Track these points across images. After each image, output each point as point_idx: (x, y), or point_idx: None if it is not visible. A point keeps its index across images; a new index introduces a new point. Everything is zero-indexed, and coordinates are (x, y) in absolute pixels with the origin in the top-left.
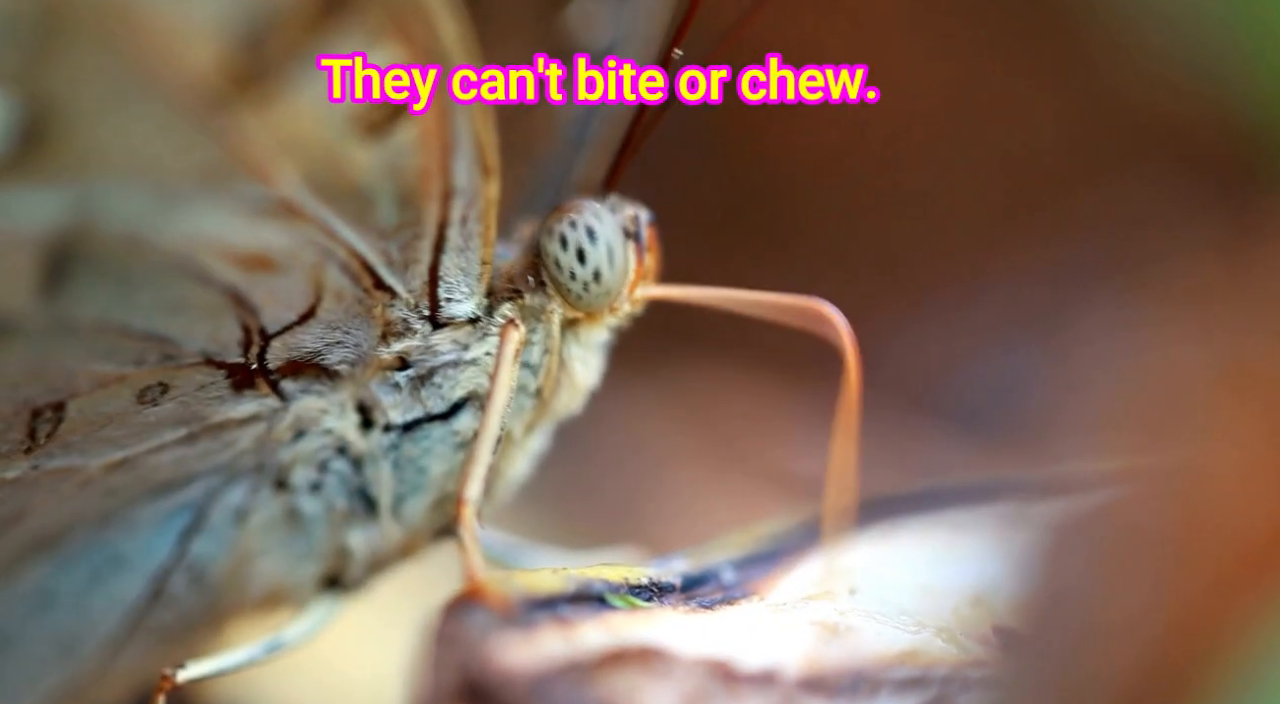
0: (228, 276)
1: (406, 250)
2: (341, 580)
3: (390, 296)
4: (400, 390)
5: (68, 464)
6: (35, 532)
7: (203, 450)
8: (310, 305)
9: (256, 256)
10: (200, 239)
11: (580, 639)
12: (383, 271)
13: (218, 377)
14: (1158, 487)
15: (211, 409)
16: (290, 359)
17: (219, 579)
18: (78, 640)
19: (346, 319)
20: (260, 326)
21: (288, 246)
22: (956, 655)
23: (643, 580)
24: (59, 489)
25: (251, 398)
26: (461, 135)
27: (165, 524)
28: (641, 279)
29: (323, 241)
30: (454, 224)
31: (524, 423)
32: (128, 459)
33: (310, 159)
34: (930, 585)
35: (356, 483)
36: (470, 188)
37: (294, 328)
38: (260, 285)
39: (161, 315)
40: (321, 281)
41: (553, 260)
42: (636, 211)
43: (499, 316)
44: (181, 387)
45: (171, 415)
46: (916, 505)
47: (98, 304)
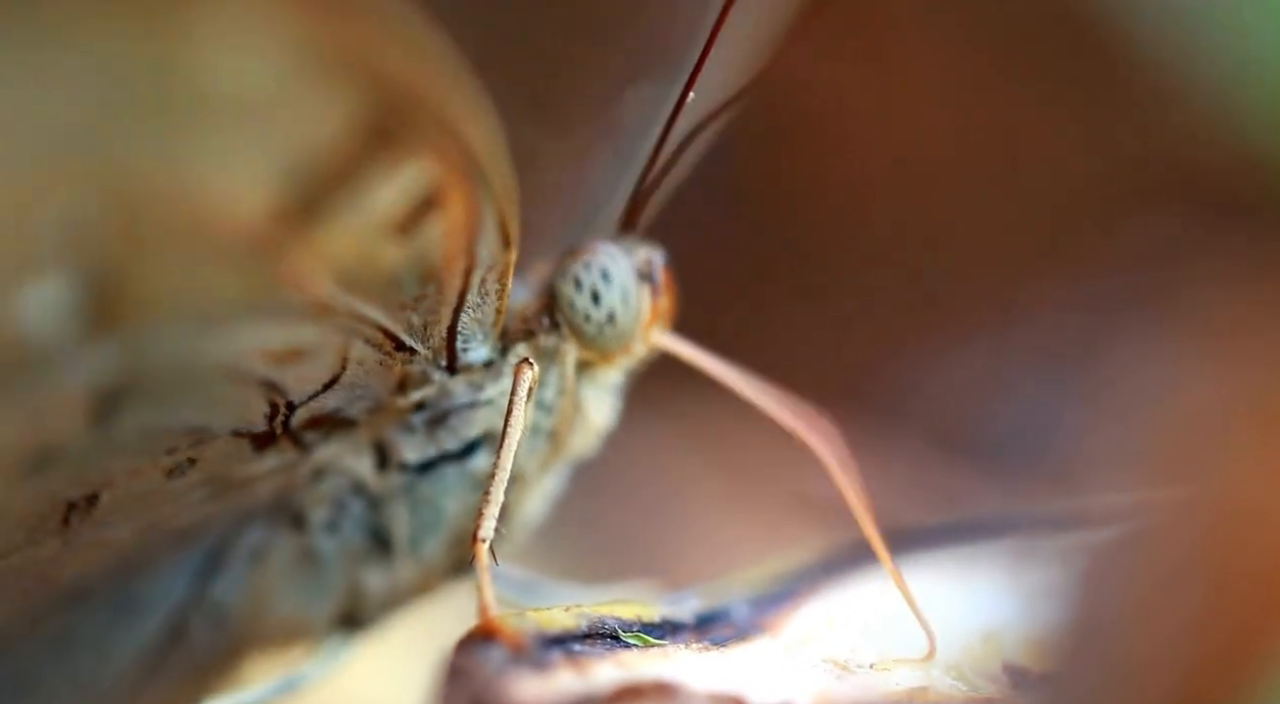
0: (261, 371)
1: (427, 316)
2: (357, 618)
3: (410, 355)
4: (416, 432)
5: (96, 537)
6: (61, 589)
7: (225, 503)
8: (334, 376)
9: (289, 352)
10: (240, 350)
11: (593, 676)
12: (404, 337)
13: (243, 444)
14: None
15: (235, 469)
16: (312, 417)
17: (236, 619)
18: (96, 683)
19: (367, 379)
20: (287, 401)
21: (318, 337)
22: (965, 693)
23: (655, 618)
24: (85, 556)
25: (274, 454)
26: (486, 220)
27: (183, 566)
28: (656, 321)
29: (352, 326)
30: (473, 289)
31: (538, 462)
32: (153, 522)
33: (345, 266)
34: (940, 621)
35: (372, 522)
36: (491, 258)
37: (318, 396)
38: (290, 372)
39: (197, 413)
40: (347, 356)
41: (567, 302)
42: (651, 254)
43: (513, 356)
44: (208, 458)
45: (197, 480)
46: (928, 540)
47: (140, 421)
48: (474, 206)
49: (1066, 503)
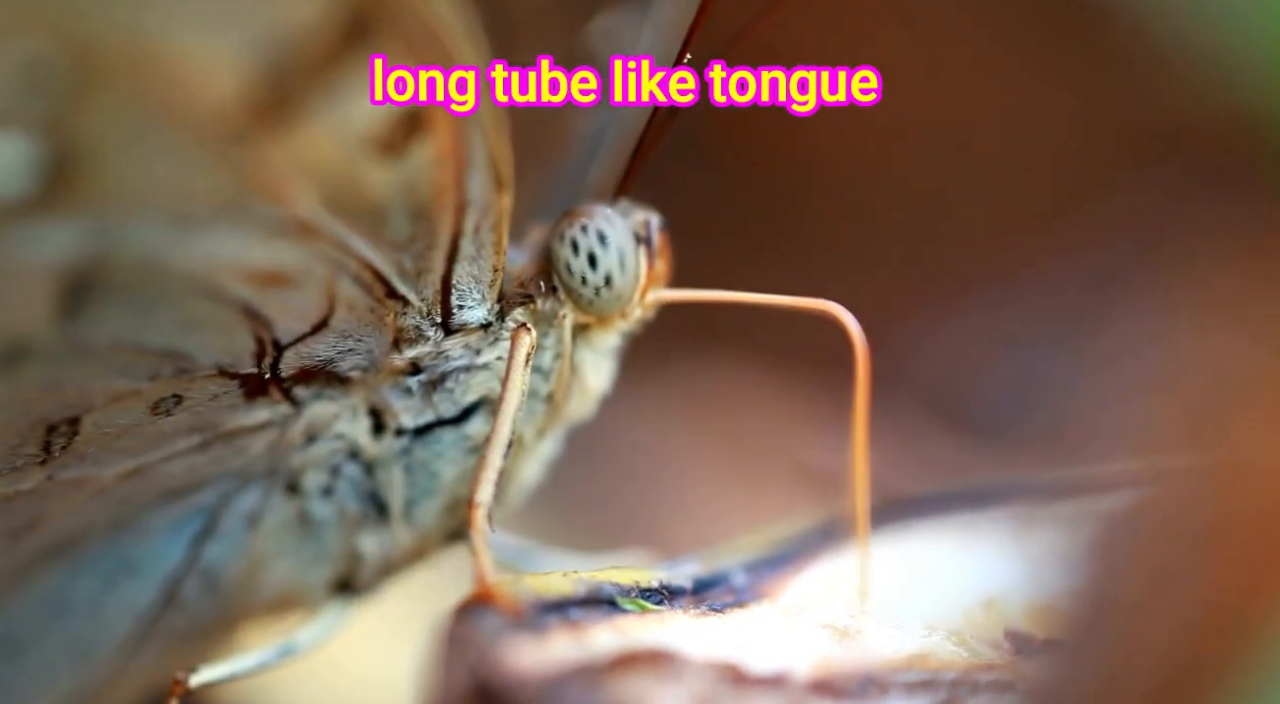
0: (242, 293)
1: (419, 261)
2: (353, 584)
3: (403, 305)
4: (412, 395)
5: (82, 474)
6: (49, 539)
7: (215, 457)
8: (323, 316)
9: (271, 274)
10: (216, 261)
11: (591, 642)
12: (396, 282)
13: (231, 386)
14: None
15: (224, 417)
16: (303, 367)
17: (231, 583)
18: (91, 645)
19: (359, 328)
20: (273, 338)
21: (302, 263)
22: (967, 659)
23: (653, 584)
24: (73, 498)
25: (264, 405)
26: (476, 151)
27: (178, 529)
28: (653, 284)
29: (337, 256)
30: (467, 235)
31: (535, 427)
32: (141, 467)
33: (327, 180)
34: (941, 588)
35: (368, 487)
36: (484, 200)
37: (307, 338)
38: (274, 300)
39: (176, 332)
40: (334, 294)
41: (564, 265)
42: (647, 216)
43: (510, 321)
44: (195, 397)
45: (184, 424)
46: (929, 508)
47: (114, 325)
48: (461, 134)
49: (1068, 471)
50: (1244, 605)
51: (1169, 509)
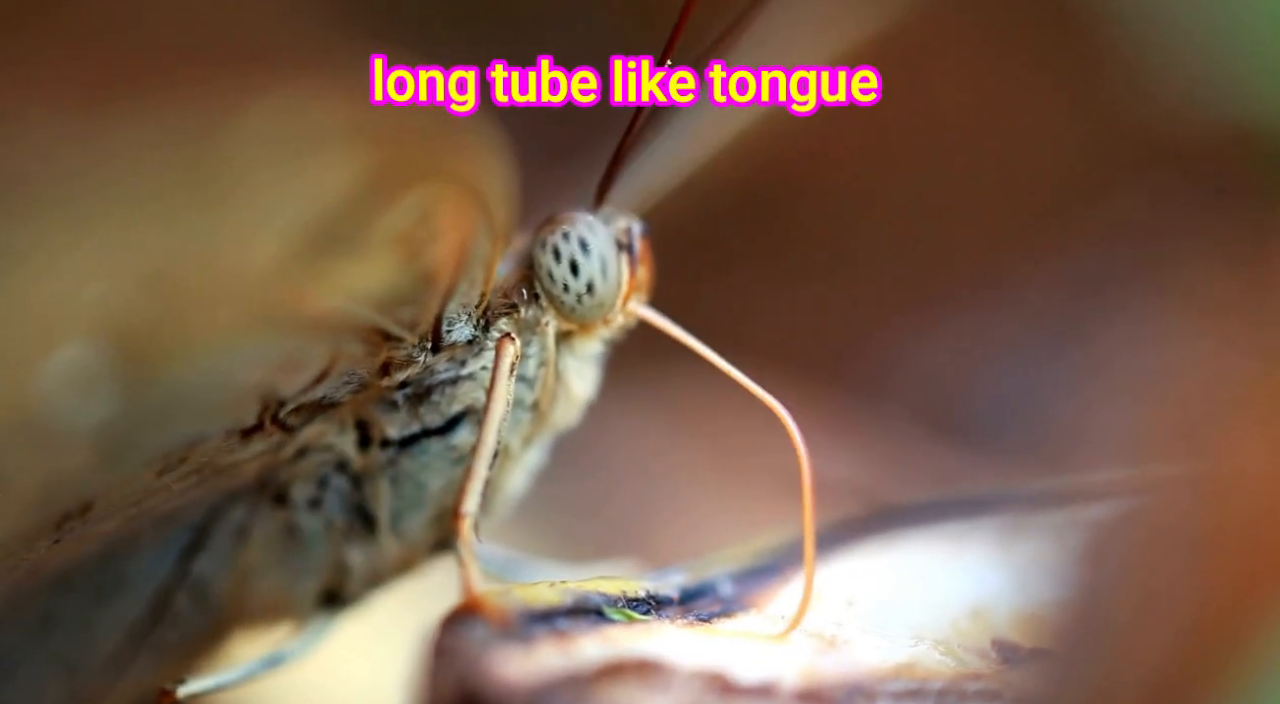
0: (259, 381)
1: (417, 312)
2: (340, 595)
3: (398, 343)
4: (398, 407)
5: (86, 531)
6: (45, 575)
7: (211, 485)
8: (324, 370)
9: (288, 364)
10: (243, 370)
11: (578, 652)
12: (394, 331)
13: (232, 438)
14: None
15: (223, 458)
16: (299, 406)
17: (220, 596)
18: (81, 660)
19: (355, 368)
20: (279, 399)
21: (314, 347)
22: (953, 668)
23: (640, 594)
24: (74, 547)
25: (260, 440)
26: (483, 232)
27: (167, 544)
28: (635, 291)
29: (346, 332)
30: (462, 282)
31: (521, 436)
32: (141, 511)
33: (348, 288)
34: (928, 597)
35: (355, 499)
36: (483, 254)
37: (308, 389)
38: (286, 378)
39: (195, 425)
40: (339, 354)
41: (546, 272)
42: (630, 223)
43: (495, 331)
44: (198, 453)
45: (186, 471)
46: (916, 517)
47: (145, 445)
48: (472, 230)
49: (1056, 480)
50: (1233, 614)
51: (1158, 518)
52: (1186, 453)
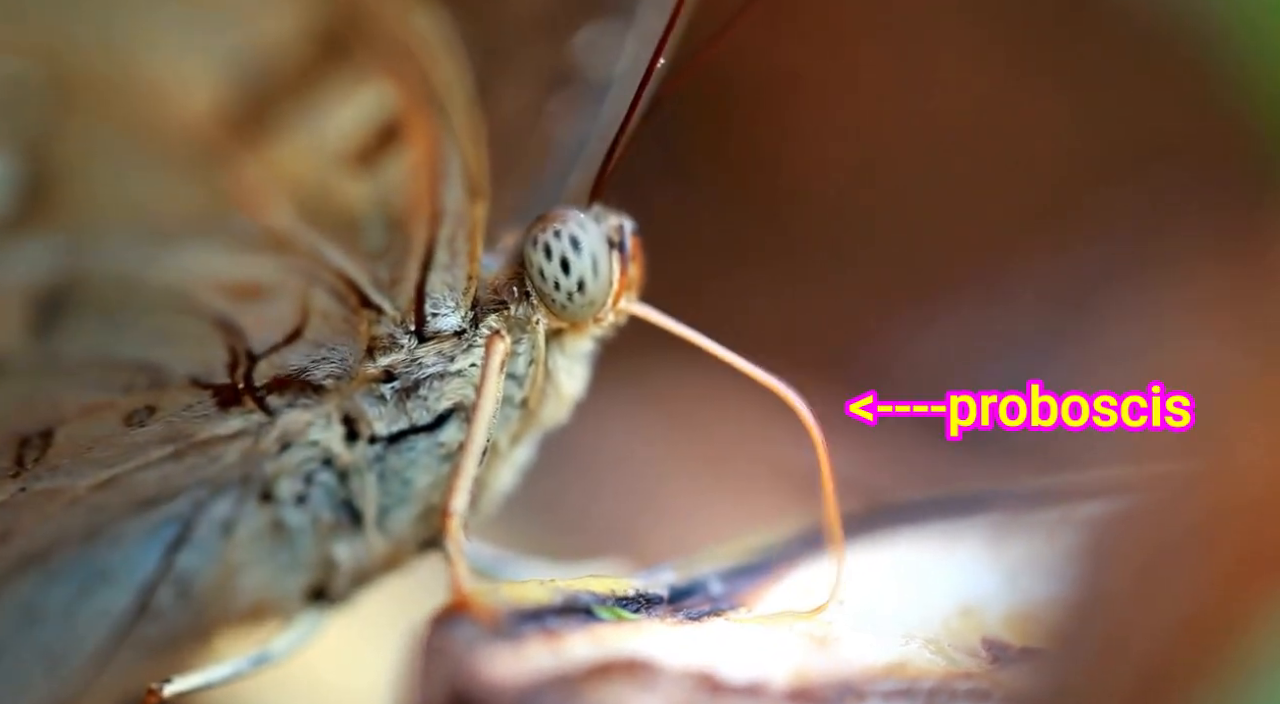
0: (215, 306)
1: (394, 270)
2: (327, 592)
3: (377, 314)
4: (386, 402)
5: (55, 485)
6: (21, 549)
7: (189, 466)
8: (297, 327)
9: (244, 286)
10: (189, 274)
11: (567, 651)
12: (370, 291)
13: (204, 397)
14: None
15: (198, 427)
16: (276, 376)
17: (205, 592)
18: (64, 655)
19: (333, 337)
20: (247, 349)
21: (276, 275)
22: (944, 667)
23: (630, 592)
24: (46, 508)
25: (238, 414)
26: (451, 163)
27: (151, 537)
28: (626, 289)
29: (311, 268)
30: (441, 244)
31: (510, 434)
32: (114, 478)
33: (302, 193)
34: (919, 596)
35: (342, 495)
36: (459, 210)
37: (280, 348)
38: (247, 312)
39: (149, 345)
40: (309, 304)
41: (537, 270)
42: (621, 221)
43: (484, 328)
44: (168, 408)
45: (158, 435)
46: (907, 515)
47: (86, 340)
48: (437, 145)
49: (1048, 478)
50: (1227, 611)
51: (1153, 516)
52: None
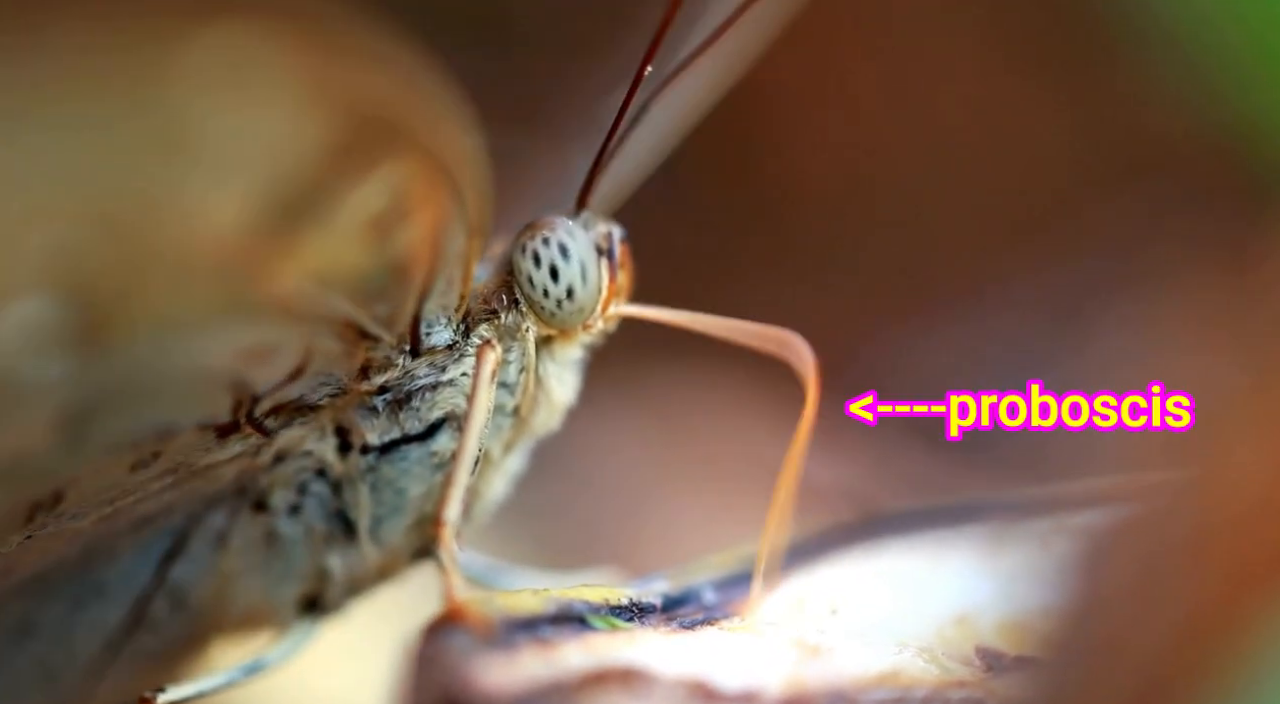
0: (229, 370)
1: (393, 307)
2: (321, 602)
3: (374, 342)
4: (378, 413)
5: (59, 529)
6: (22, 577)
7: (188, 490)
8: (299, 366)
9: (258, 351)
10: (210, 354)
11: (561, 660)
12: (369, 327)
13: (208, 435)
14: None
15: (198, 457)
16: (276, 405)
17: (199, 602)
18: (59, 667)
19: (331, 367)
20: (252, 394)
21: (285, 335)
22: (938, 676)
23: (623, 601)
24: (49, 546)
25: (237, 441)
26: (456, 221)
27: (146, 550)
28: (615, 296)
29: (320, 322)
30: (439, 278)
31: (502, 442)
32: (116, 510)
33: (320, 270)
34: (913, 604)
35: (335, 505)
36: (459, 250)
37: (283, 386)
38: (256, 367)
39: (163, 412)
40: (312, 348)
41: (526, 278)
42: (610, 228)
43: (475, 337)
44: (172, 450)
45: (160, 469)
46: (901, 524)
47: (110, 429)
48: (444, 214)
49: (1041, 487)
50: (1222, 620)
51: (1146, 524)
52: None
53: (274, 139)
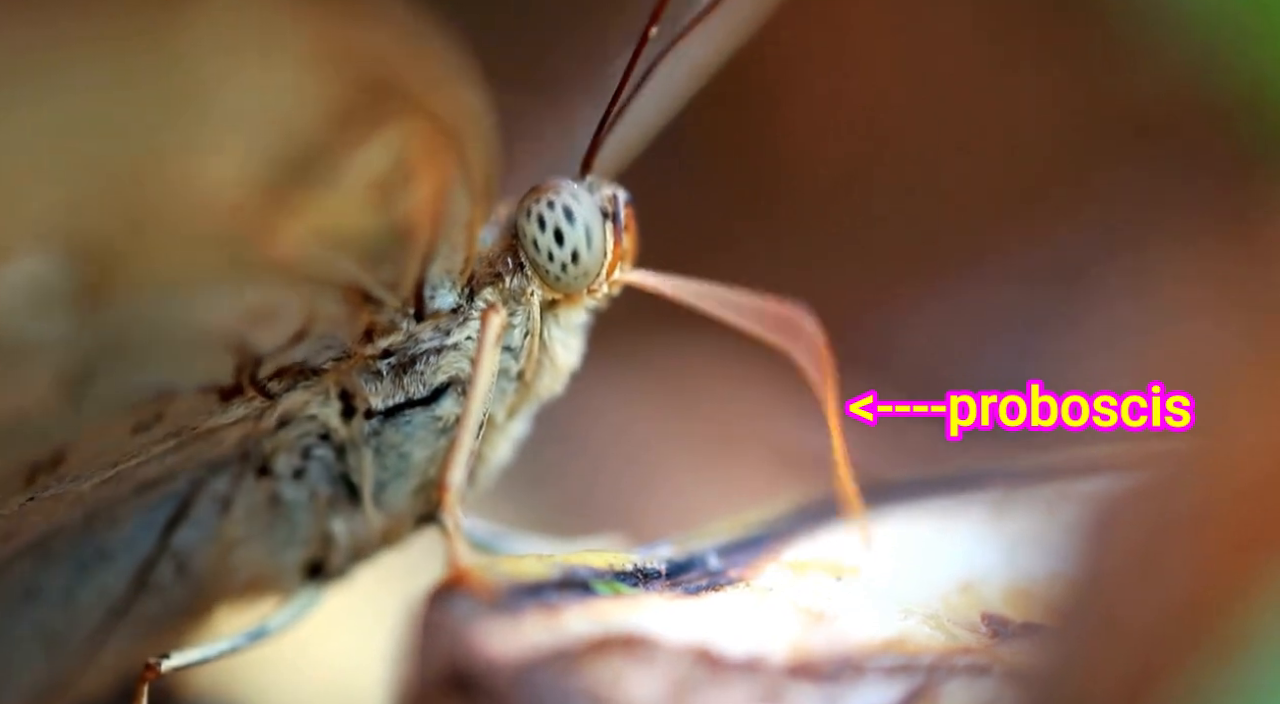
0: (232, 332)
1: (397, 270)
2: (324, 568)
3: (378, 306)
4: (382, 377)
5: (61, 491)
6: (24, 541)
7: (191, 453)
8: (302, 329)
9: (261, 311)
10: (213, 315)
11: (565, 626)
12: (373, 290)
13: (210, 397)
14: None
15: (201, 420)
16: (279, 368)
17: (203, 568)
18: (63, 633)
19: (334, 331)
20: (254, 355)
21: (288, 296)
22: (943, 642)
23: (628, 567)
24: (51, 509)
25: (240, 404)
26: (460, 184)
27: (150, 515)
28: (620, 260)
29: (323, 284)
30: (443, 241)
31: (506, 407)
32: (118, 473)
33: (324, 232)
34: (918, 571)
35: (339, 469)
36: (463, 214)
37: (286, 348)
38: (260, 329)
39: (165, 372)
40: (315, 311)
41: (530, 241)
42: (614, 191)
43: (480, 301)
44: (174, 412)
45: (162, 433)
46: (907, 492)
47: (111, 387)
48: (447, 177)
49: (1046, 454)
50: (1224, 588)
51: (1150, 493)
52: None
53: (278, 98)
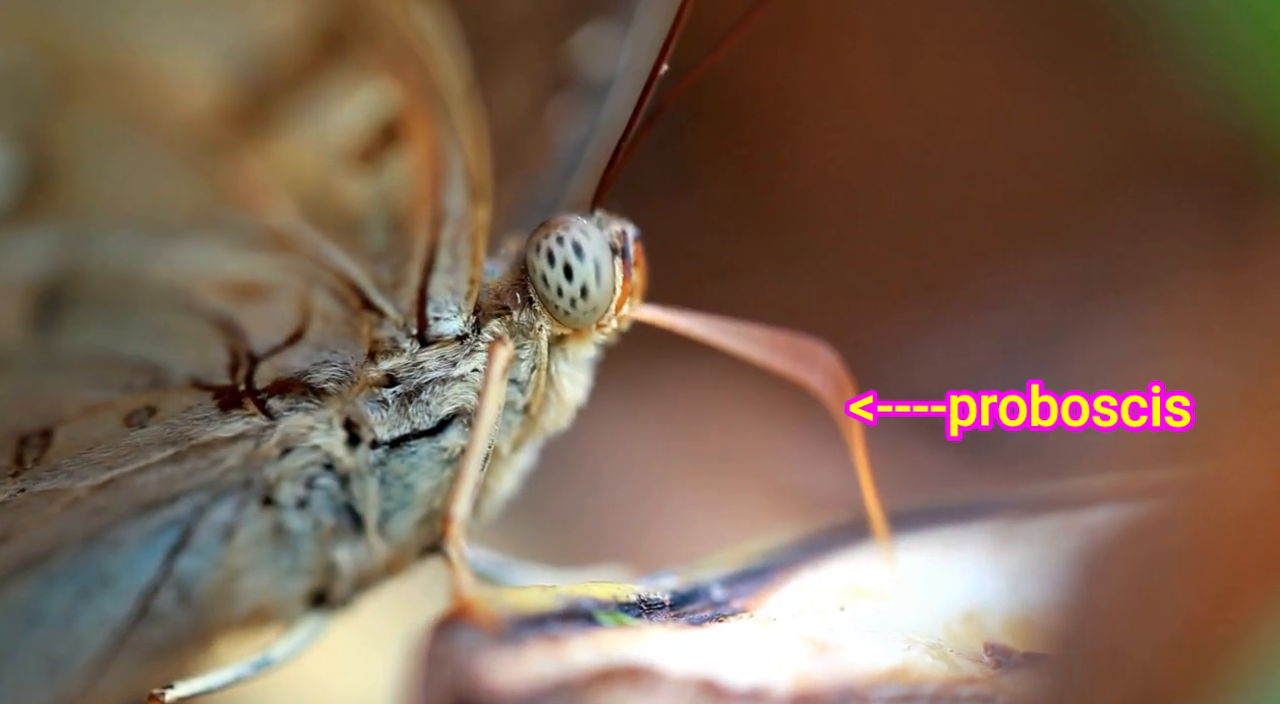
0: (216, 305)
1: (396, 272)
2: (328, 598)
3: (378, 317)
4: (388, 407)
5: (55, 486)
6: (22, 552)
7: (190, 469)
8: (298, 328)
9: (245, 285)
10: (190, 272)
11: (569, 657)
12: (372, 293)
13: (205, 399)
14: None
15: (198, 429)
16: (278, 379)
17: (206, 596)
18: (65, 659)
19: (334, 339)
20: (248, 350)
21: (277, 274)
22: (946, 672)
23: (632, 598)
24: (46, 510)
25: (238, 417)
26: (453, 164)
27: (152, 541)
28: (629, 295)
29: (312, 268)
30: (444, 246)
31: (511, 439)
32: (115, 479)
33: (304, 191)
34: (921, 601)
35: (343, 499)
36: (461, 212)
37: (282, 350)
38: (248, 312)
39: (149, 344)
40: (310, 306)
41: (540, 276)
42: (624, 227)
43: (487, 333)
44: (169, 409)
45: (159, 436)
46: (909, 522)
47: (87, 336)
48: (438, 144)
49: (1048, 485)
50: (1224, 618)
51: (1150, 524)
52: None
53: (247, 8)
